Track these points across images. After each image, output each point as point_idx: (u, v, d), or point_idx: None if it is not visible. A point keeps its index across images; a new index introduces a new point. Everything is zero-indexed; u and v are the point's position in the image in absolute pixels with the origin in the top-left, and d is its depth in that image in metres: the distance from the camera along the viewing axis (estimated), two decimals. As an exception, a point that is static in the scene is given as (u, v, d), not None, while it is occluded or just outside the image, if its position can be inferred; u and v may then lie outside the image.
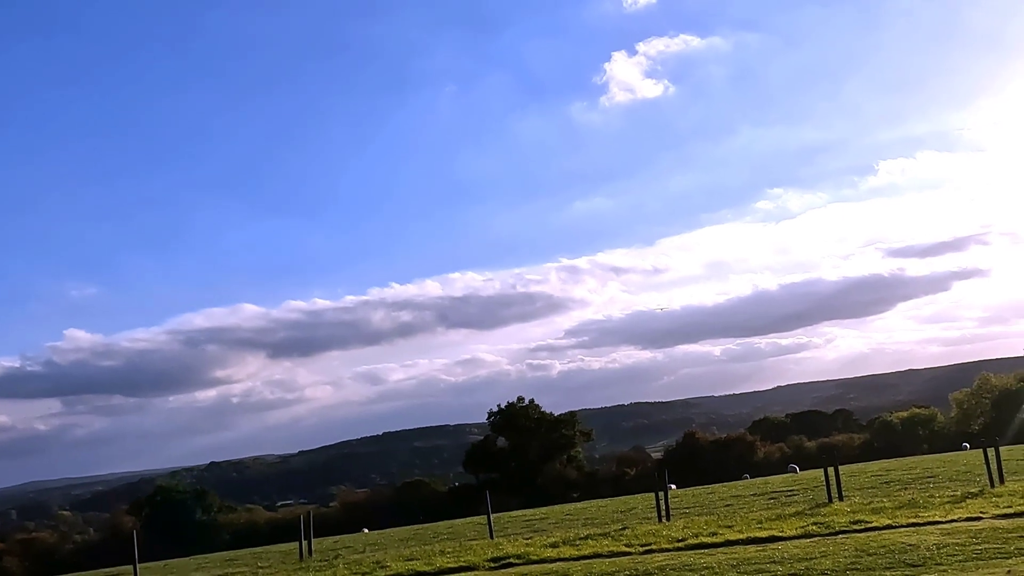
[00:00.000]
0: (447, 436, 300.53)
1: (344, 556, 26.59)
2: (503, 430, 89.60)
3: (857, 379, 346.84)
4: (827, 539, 16.43)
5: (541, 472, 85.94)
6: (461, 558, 20.04)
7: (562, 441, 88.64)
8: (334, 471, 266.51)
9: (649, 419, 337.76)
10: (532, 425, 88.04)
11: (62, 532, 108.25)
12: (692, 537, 18.71)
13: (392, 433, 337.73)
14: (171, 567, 35.72)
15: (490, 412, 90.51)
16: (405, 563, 20.55)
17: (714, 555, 15.95)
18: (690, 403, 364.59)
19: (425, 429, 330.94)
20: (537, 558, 18.59)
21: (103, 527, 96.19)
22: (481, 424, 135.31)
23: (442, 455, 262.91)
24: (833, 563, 13.45)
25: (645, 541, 19.05)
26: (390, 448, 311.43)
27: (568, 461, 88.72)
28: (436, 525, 46.21)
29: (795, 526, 18.51)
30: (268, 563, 28.46)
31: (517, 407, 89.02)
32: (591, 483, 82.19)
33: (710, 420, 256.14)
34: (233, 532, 74.15)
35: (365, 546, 32.65)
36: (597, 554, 18.17)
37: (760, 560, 14.52)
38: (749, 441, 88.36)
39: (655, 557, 16.71)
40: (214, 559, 39.74)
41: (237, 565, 29.97)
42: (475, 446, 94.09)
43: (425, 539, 32.32)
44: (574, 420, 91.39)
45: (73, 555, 70.47)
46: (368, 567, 20.73)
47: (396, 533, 42.91)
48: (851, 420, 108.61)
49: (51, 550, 73.48)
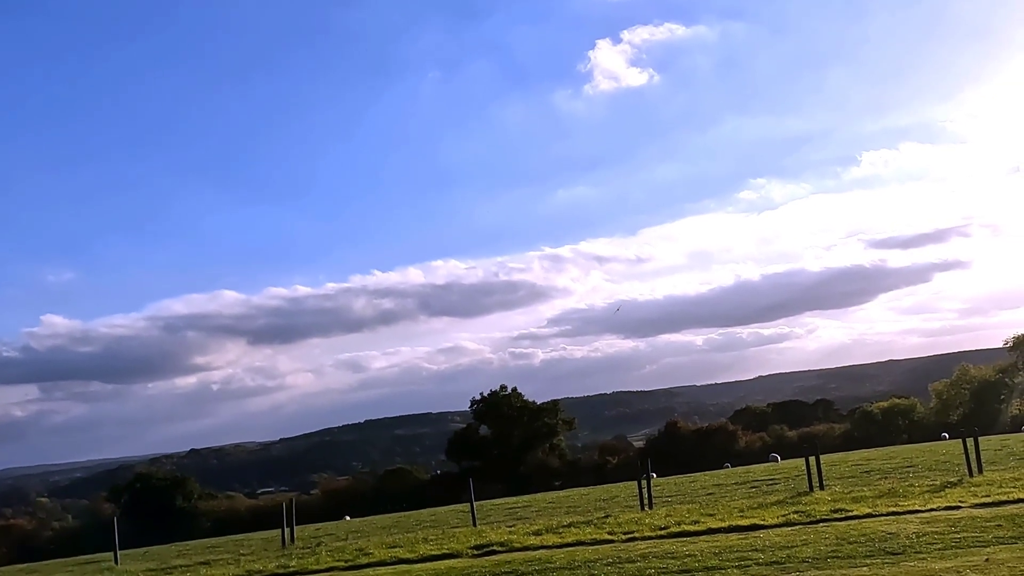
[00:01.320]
0: (429, 424, 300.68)
1: (327, 543, 26.62)
2: (485, 418, 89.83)
3: (838, 369, 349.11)
4: (808, 527, 16.61)
5: (524, 460, 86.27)
6: (444, 546, 20.12)
7: (544, 430, 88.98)
8: (315, 459, 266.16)
9: (631, 408, 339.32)
10: (515, 413, 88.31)
11: (40, 519, 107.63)
12: (674, 525, 18.86)
13: (374, 421, 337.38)
14: (151, 554, 35.62)
15: (473, 400, 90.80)
16: (388, 550, 20.60)
17: (696, 543, 16.09)
18: (672, 392, 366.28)
19: (407, 417, 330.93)
20: (520, 546, 18.68)
21: (82, 514, 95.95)
22: (463, 412, 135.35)
23: (424, 443, 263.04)
24: (814, 551, 13.60)
25: (628, 529, 19.18)
26: (371, 436, 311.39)
27: (551, 449, 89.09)
28: (419, 513, 46.30)
29: (776, 515, 18.70)
30: (250, 550, 28.44)
31: (500, 395, 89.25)
32: (573, 471, 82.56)
33: (692, 409, 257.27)
34: (214, 519, 74.07)
35: (348, 533, 32.68)
36: (580, 542, 18.29)
37: (742, 548, 14.66)
38: (731, 430, 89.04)
39: (638, 545, 16.84)
40: (195, 546, 39.65)
41: (219, 552, 29.93)
42: (457, 434, 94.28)
43: (408, 527, 32.38)
44: (557, 409, 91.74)
45: (52, 542, 70.21)
46: (351, 554, 20.76)
47: (378, 521, 42.96)
48: (832, 410, 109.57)
49: (29, 536, 73.22)
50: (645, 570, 13.69)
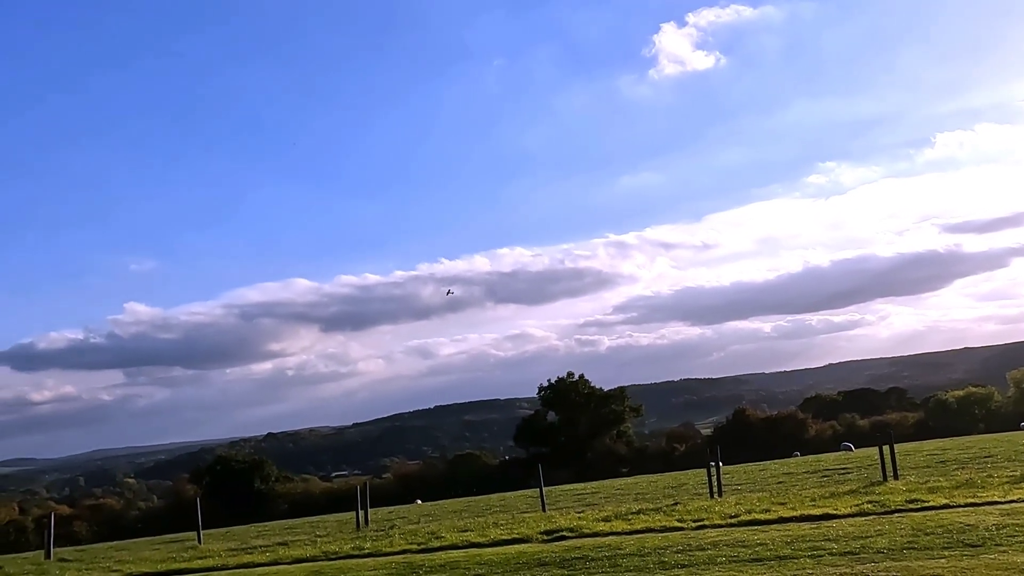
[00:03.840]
0: (497, 410, 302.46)
1: (399, 526, 26.96)
2: (553, 405, 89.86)
3: (911, 357, 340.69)
4: (882, 518, 16.21)
5: (591, 447, 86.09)
6: (514, 530, 20.17)
7: (611, 416, 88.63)
8: (387, 443, 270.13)
9: (698, 395, 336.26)
10: (582, 400, 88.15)
11: (127, 499, 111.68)
12: (745, 513, 18.59)
13: (443, 407, 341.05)
14: (232, 534, 36.52)
15: (540, 387, 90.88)
16: (459, 534, 20.75)
17: (767, 532, 15.84)
18: (740, 380, 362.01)
19: (475, 403, 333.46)
20: (590, 531, 18.63)
21: (166, 495, 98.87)
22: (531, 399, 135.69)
23: (492, 429, 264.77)
24: (889, 542, 13.27)
25: (697, 517, 18.97)
26: (441, 421, 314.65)
27: (618, 436, 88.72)
28: (488, 498, 46.57)
29: (849, 504, 18.29)
30: (326, 532, 28.95)
31: (567, 382, 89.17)
32: (640, 458, 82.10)
33: (760, 397, 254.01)
34: (290, 501, 75.58)
35: (419, 517, 33.06)
36: (649, 529, 18.16)
37: (814, 538, 14.39)
38: (800, 419, 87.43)
39: (708, 533, 16.66)
40: (273, 527, 40.55)
41: (296, 533, 30.54)
42: (525, 420, 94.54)
43: (478, 511, 32.60)
44: (623, 396, 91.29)
45: (138, 521, 72.52)
46: (423, 537, 20.98)
47: (449, 505, 43.35)
48: (905, 398, 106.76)
49: (117, 516, 75.71)
50: (716, 558, 13.53)
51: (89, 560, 26.82)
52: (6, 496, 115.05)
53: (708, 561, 13.38)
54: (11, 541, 62.64)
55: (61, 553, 31.98)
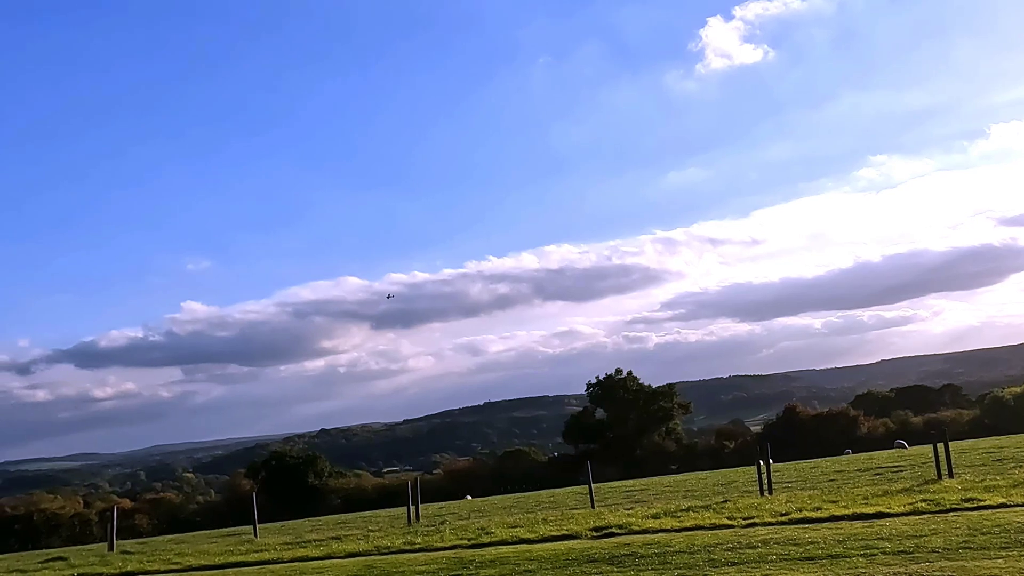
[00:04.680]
0: (546, 407, 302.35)
1: (450, 522, 27.10)
2: (601, 402, 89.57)
3: (966, 353, 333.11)
4: (937, 517, 15.86)
5: (640, 444, 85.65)
6: (563, 527, 20.15)
7: (660, 413, 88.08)
8: (437, 439, 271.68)
9: (748, 392, 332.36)
10: (630, 397, 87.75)
11: (186, 493, 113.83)
12: (796, 511, 18.32)
13: (492, 403, 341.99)
14: (287, 528, 37.07)
15: (588, 384, 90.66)
16: (509, 530, 20.78)
17: (819, 530, 15.61)
18: (790, 376, 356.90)
19: (524, 400, 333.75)
20: (639, 528, 18.54)
21: (223, 489, 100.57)
22: (579, 395, 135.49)
23: (541, 425, 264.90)
24: (944, 541, 12.98)
25: (748, 514, 18.76)
26: (490, 418, 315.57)
27: (667, 433, 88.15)
28: (537, 494, 46.58)
29: (903, 503, 17.93)
30: (378, 527, 29.22)
31: (615, 379, 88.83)
32: (690, 455, 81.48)
33: (811, 394, 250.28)
34: (343, 496, 76.33)
35: (469, 512, 33.18)
36: (699, 526, 18.01)
37: (867, 536, 14.14)
38: (852, 416, 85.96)
39: (758, 531, 16.46)
40: (326, 521, 41.04)
41: (349, 528, 30.87)
42: (574, 417, 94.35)
43: (527, 507, 32.64)
44: (672, 392, 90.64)
45: (197, 514, 73.91)
46: (473, 533, 21.05)
47: (498, 501, 43.48)
48: (960, 395, 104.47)
49: (177, 509, 77.11)
50: (766, 556, 13.36)
51: (150, 552, 27.39)
52: (71, 490, 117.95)
53: (759, 559, 13.22)
54: (76, 533, 64.25)
55: (123, 545, 32.73)
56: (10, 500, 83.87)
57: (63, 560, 26.94)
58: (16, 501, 77.71)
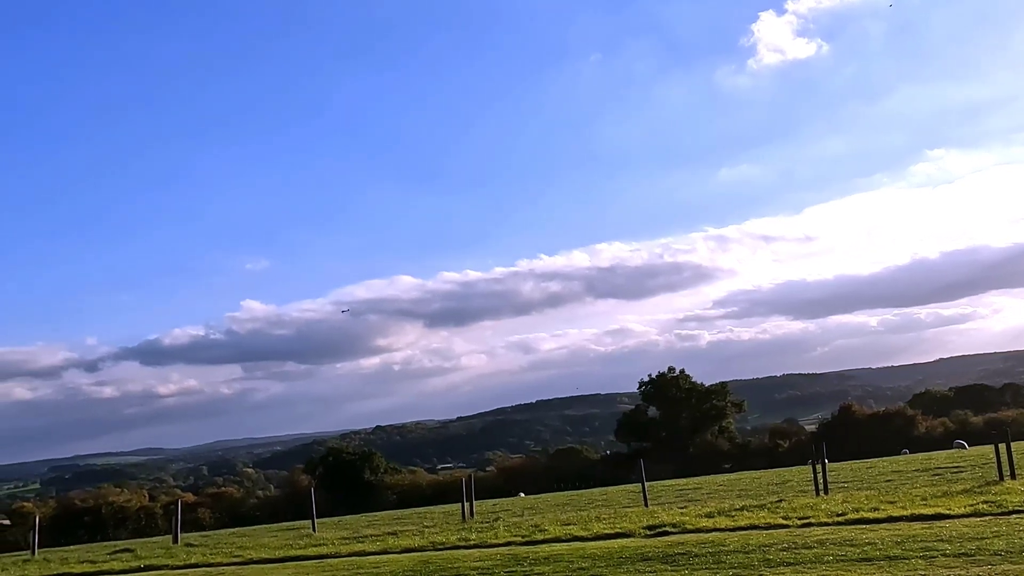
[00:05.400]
0: (598, 405, 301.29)
1: (504, 519, 27.14)
2: (654, 400, 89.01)
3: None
4: (999, 519, 15.45)
5: (692, 442, 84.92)
6: (617, 525, 20.06)
7: (713, 412, 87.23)
8: (490, 437, 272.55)
9: (802, 391, 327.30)
10: (683, 395, 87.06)
11: (247, 488, 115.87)
12: (852, 512, 18.00)
13: (544, 401, 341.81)
14: (344, 523, 37.49)
15: (641, 382, 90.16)
16: (563, 528, 20.76)
17: (876, 531, 15.31)
18: (845, 375, 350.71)
19: (576, 398, 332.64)
20: (692, 527, 18.37)
21: (282, 484, 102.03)
22: (631, 393, 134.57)
23: (593, 423, 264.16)
24: (1007, 544, 12.63)
25: (803, 514, 18.47)
26: (543, 416, 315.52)
27: (720, 432, 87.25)
28: (590, 492, 46.48)
29: (963, 504, 17.51)
30: (433, 523, 29.42)
31: (667, 377, 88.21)
32: (743, 454, 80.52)
33: (866, 393, 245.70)
34: (398, 492, 76.90)
35: (523, 510, 33.22)
36: (753, 526, 17.79)
37: (926, 538, 13.83)
38: (909, 415, 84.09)
39: (814, 531, 16.20)
40: (382, 517, 41.44)
41: (404, 524, 31.12)
42: (626, 415, 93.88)
43: (580, 505, 32.58)
44: (725, 391, 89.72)
45: (256, 509, 75.05)
46: (527, 530, 21.06)
47: (551, 498, 43.47)
48: (1021, 395, 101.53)
49: (238, 503, 78.41)
50: (822, 556, 13.14)
51: (213, 545, 27.93)
52: (136, 484, 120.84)
53: (815, 560, 13.00)
54: (142, 526, 65.77)
55: (187, 538, 33.42)
56: (80, 493, 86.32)
57: (130, 552, 27.59)
58: (85, 494, 79.85)
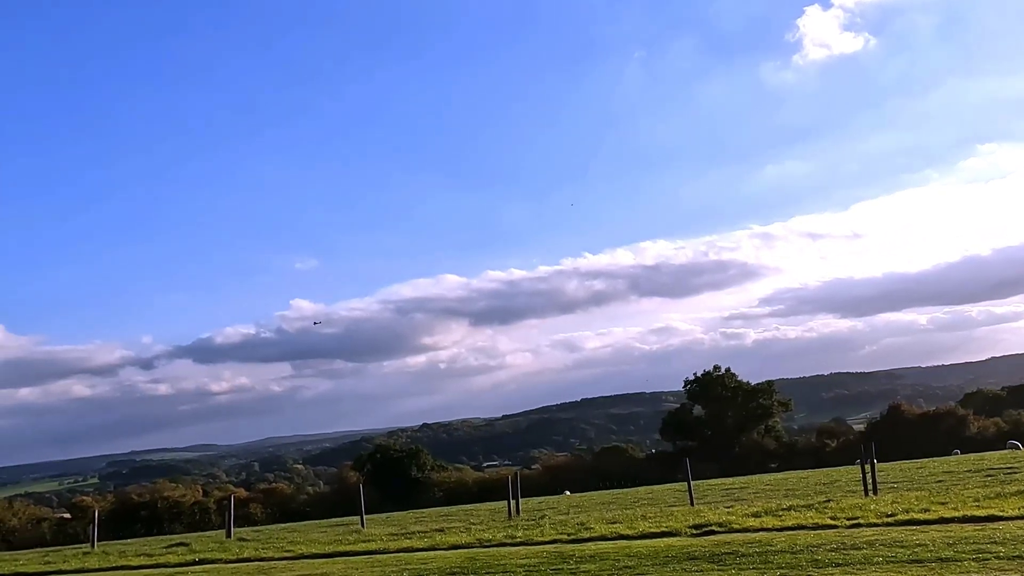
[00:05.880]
0: (643, 403, 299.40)
1: (549, 516, 27.17)
2: (699, 398, 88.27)
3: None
4: (1055, 521, 15.09)
5: (738, 441, 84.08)
6: (662, 524, 19.97)
7: (759, 411, 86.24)
8: (535, 435, 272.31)
9: (850, 390, 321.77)
10: (728, 394, 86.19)
11: (297, 484, 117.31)
12: (902, 513, 17.70)
13: (589, 400, 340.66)
14: (392, 519, 37.81)
15: (686, 380, 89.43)
16: (608, 526, 20.72)
17: (927, 532, 15.04)
18: (894, 374, 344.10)
19: (621, 396, 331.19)
20: (739, 527, 18.22)
21: (331, 480, 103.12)
22: (676, 392, 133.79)
23: (638, 422, 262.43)
24: (1063, 547, 12.35)
25: (852, 515, 18.21)
26: (587, 414, 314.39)
27: (766, 431, 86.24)
28: (635, 490, 46.27)
29: (1017, 506, 17.10)
30: (479, 520, 29.54)
31: (713, 376, 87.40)
32: (790, 454, 79.47)
33: (916, 392, 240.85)
34: (444, 489, 77.22)
35: (568, 508, 33.21)
36: (801, 526, 17.59)
37: (979, 540, 13.54)
38: (960, 415, 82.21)
39: (863, 532, 15.97)
40: (429, 514, 41.69)
41: (451, 520, 31.30)
42: (671, 414, 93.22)
43: (625, 504, 32.47)
44: (771, 389, 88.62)
45: (307, 504, 75.87)
46: (573, 528, 21.06)
47: (597, 497, 43.35)
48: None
49: (288, 499, 79.34)
50: (872, 558, 12.94)
51: (265, 540, 28.34)
52: (190, 479, 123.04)
53: (864, 561, 12.81)
54: (196, 520, 66.89)
55: (240, 533, 33.97)
56: (136, 488, 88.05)
57: (185, 545, 28.12)
58: (142, 489, 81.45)
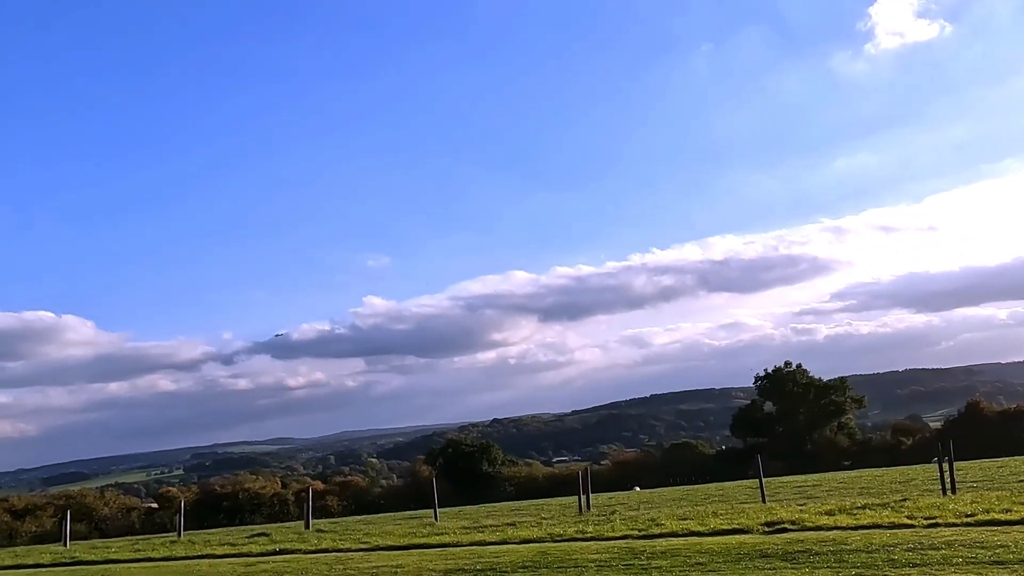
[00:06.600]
0: (712, 400, 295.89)
1: (620, 512, 27.06)
2: (770, 395, 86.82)
3: None
4: None
5: (810, 438, 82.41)
6: (734, 521, 19.70)
7: (832, 408, 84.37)
8: (604, 431, 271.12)
9: (926, 386, 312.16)
10: (800, 390, 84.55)
11: (371, 477, 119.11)
12: (982, 513, 17.13)
13: (658, 396, 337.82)
14: (464, 513, 38.11)
15: (756, 376, 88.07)
16: (679, 522, 20.53)
17: (1009, 533, 14.52)
18: (972, 370, 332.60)
19: (690, 392, 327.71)
20: (812, 525, 17.87)
21: (404, 474, 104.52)
22: (746, 388, 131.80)
23: (708, 418, 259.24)
24: None
25: (929, 514, 17.69)
26: (657, 410, 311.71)
27: (839, 428, 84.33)
28: (706, 487, 45.77)
29: (1105, 507, 16.43)
30: (550, 515, 29.57)
31: (784, 372, 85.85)
32: (864, 452, 77.57)
33: (995, 389, 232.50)
34: (515, 484, 77.52)
35: (639, 503, 33.01)
36: (876, 525, 17.15)
37: (1064, 542, 13.05)
38: (1043, 412, 79.14)
39: (941, 532, 15.50)
40: (500, 508, 41.89)
41: (522, 515, 31.38)
42: (742, 410, 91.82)
43: (696, 500, 32.12)
44: (844, 386, 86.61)
45: (381, 497, 77.07)
46: (643, 524, 20.93)
47: (667, 493, 43.00)
48: None
49: (363, 492, 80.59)
50: (951, 559, 12.55)
51: (342, 531, 28.87)
52: (270, 472, 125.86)
53: (943, 561, 12.44)
54: (275, 512, 68.49)
55: (317, 524, 34.69)
56: (219, 479, 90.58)
57: (266, 536, 28.82)
58: (224, 481, 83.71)
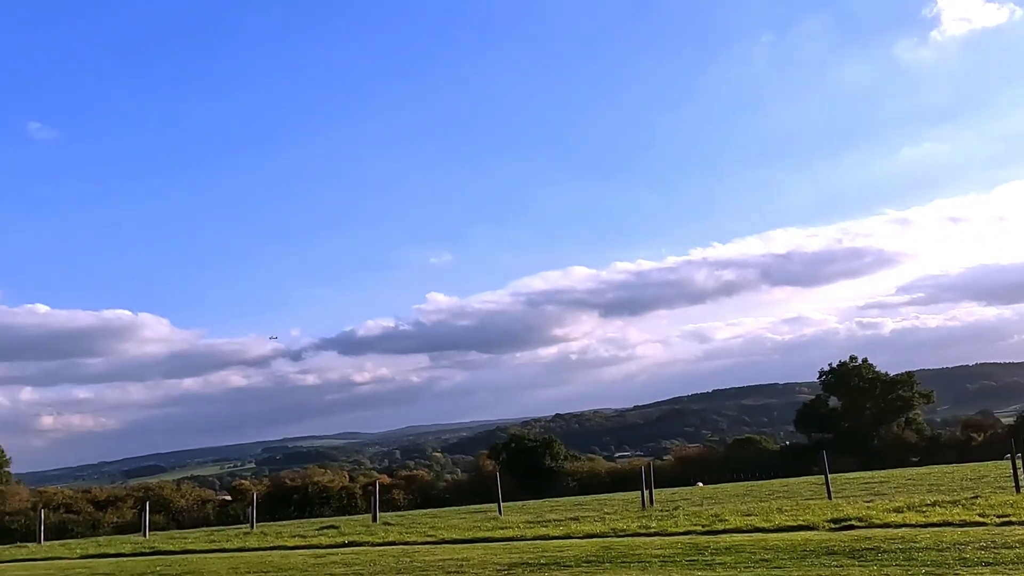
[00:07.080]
0: (776, 395, 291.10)
1: (683, 507, 26.86)
2: (834, 390, 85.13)
3: None
4: None
5: (877, 434, 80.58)
6: (799, 517, 19.40)
7: (899, 403, 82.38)
8: (666, 426, 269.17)
9: (997, 381, 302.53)
10: (866, 385, 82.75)
11: (436, 471, 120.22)
12: (1058, 511, 16.60)
13: (721, 391, 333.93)
14: (527, 508, 38.24)
15: (821, 371, 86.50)
16: (743, 518, 20.28)
17: (1087, 532, 14.05)
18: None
19: (753, 387, 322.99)
20: (880, 522, 17.49)
21: (468, 468, 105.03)
22: (810, 383, 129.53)
23: (771, 413, 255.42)
24: None
25: (1002, 512, 17.17)
26: (719, 405, 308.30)
27: (906, 424, 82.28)
28: (770, 483, 45.12)
29: None
30: (613, 510, 29.49)
31: (849, 366, 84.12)
32: (932, 448, 75.58)
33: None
34: (577, 479, 77.39)
35: (702, 499, 32.72)
36: (946, 522, 16.71)
37: None
38: (1123, 408, 76.14)
39: (1015, 530, 15.03)
40: (563, 503, 41.92)
41: (585, 510, 31.36)
42: (806, 405, 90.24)
43: (760, 496, 31.71)
44: (912, 381, 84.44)
45: (445, 491, 77.63)
46: (707, 520, 20.74)
47: (730, 488, 42.52)
48: None
49: (428, 486, 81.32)
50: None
51: (408, 525, 29.23)
52: (337, 465, 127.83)
53: (1017, 560, 12.07)
54: (343, 505, 69.57)
55: (384, 517, 35.15)
56: (289, 473, 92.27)
57: (335, 528, 29.33)
58: (294, 474, 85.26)
